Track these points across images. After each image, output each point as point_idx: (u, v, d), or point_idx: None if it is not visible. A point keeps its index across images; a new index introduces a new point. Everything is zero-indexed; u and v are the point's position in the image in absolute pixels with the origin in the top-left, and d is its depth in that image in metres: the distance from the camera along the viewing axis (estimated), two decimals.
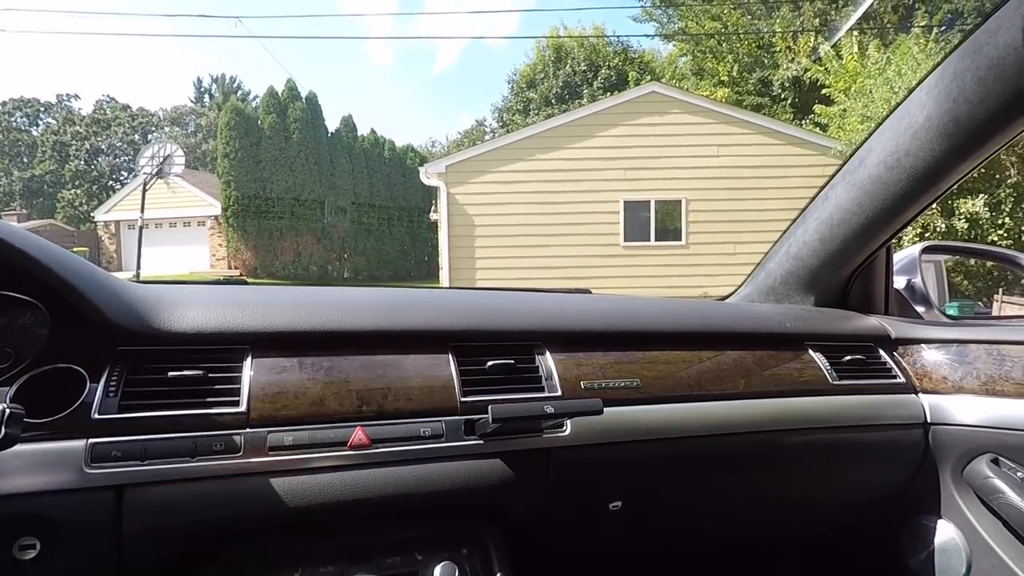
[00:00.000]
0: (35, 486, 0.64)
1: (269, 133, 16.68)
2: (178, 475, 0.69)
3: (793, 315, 1.20)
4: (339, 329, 0.84)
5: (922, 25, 11.54)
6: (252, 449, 0.72)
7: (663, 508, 1.01)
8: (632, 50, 23.19)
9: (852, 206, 1.16)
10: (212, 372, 0.75)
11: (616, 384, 0.94)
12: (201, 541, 0.72)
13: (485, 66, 66.95)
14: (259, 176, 16.60)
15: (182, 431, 0.70)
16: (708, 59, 17.91)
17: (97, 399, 0.69)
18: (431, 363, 0.87)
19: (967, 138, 0.96)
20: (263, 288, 0.95)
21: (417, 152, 23.28)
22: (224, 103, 21.40)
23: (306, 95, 17.60)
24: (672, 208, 10.66)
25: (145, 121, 31.03)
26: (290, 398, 0.76)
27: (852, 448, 1.10)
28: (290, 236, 17.30)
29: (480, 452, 0.83)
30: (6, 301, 0.72)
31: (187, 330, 0.76)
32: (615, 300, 1.17)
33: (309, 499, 0.73)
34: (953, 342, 1.15)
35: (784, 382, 1.07)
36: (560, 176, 10.49)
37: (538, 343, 0.95)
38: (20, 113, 30.17)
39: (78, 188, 27.64)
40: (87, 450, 0.66)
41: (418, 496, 0.79)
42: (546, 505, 0.90)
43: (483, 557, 0.82)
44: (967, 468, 1.08)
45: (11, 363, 0.70)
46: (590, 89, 21.50)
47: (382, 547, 0.78)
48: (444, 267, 10.80)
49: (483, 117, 39.70)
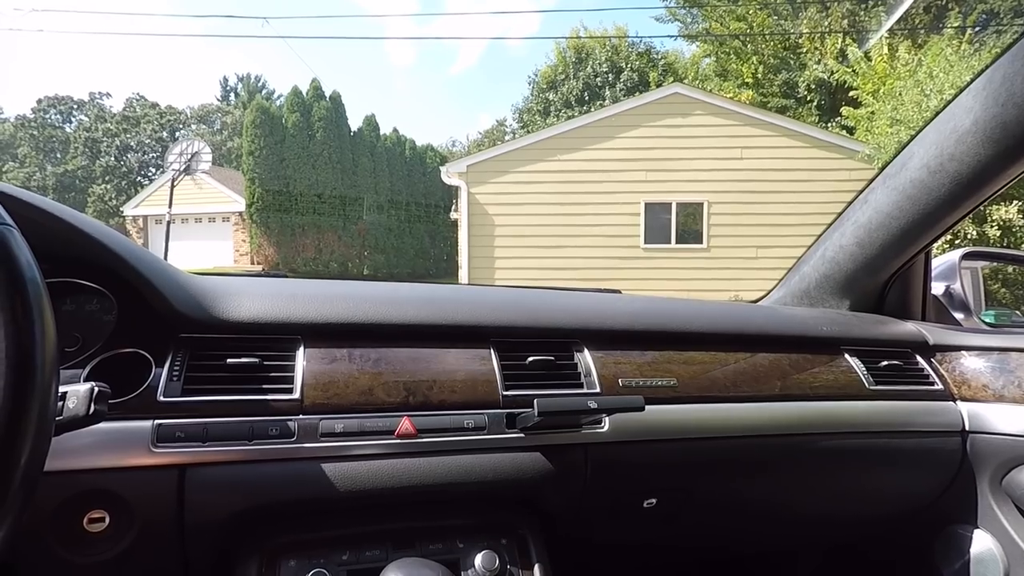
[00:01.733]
0: (105, 463, 0.67)
1: (293, 131, 16.88)
2: (236, 457, 0.72)
3: (829, 319, 1.20)
4: (387, 322, 0.86)
5: (955, 26, 11.25)
6: (305, 435, 0.75)
7: (696, 508, 1.02)
8: (655, 51, 23.05)
9: (892, 210, 1.15)
10: (267, 360, 0.78)
11: (653, 383, 0.95)
12: (255, 521, 0.75)
13: (504, 67, 67.08)
14: (283, 173, 16.82)
15: (240, 415, 0.73)
16: (732, 60, 17.68)
17: (162, 383, 0.73)
18: (474, 357, 0.89)
19: (1014, 143, 0.95)
20: (312, 281, 0.98)
21: (437, 151, 23.38)
22: (249, 102, 21.72)
23: (330, 94, 17.80)
24: (694, 210, 10.57)
25: (173, 119, 31.63)
26: (340, 387, 0.79)
27: (888, 454, 1.09)
28: (312, 233, 17.50)
29: (520, 445, 0.84)
30: (74, 288, 0.76)
31: (244, 319, 0.79)
32: (650, 300, 1.18)
33: (357, 484, 0.76)
34: (994, 350, 1.14)
35: (820, 386, 1.07)
36: (581, 177, 10.46)
37: (577, 341, 0.96)
38: (54, 110, 30.96)
39: (108, 183, 28.28)
40: (153, 431, 0.69)
41: (460, 486, 0.81)
42: (582, 500, 0.91)
43: (522, 548, 0.84)
44: (1006, 478, 1.07)
45: (79, 348, 0.74)
46: (612, 91, 21.39)
47: (425, 534, 0.80)
48: (463, 266, 10.85)
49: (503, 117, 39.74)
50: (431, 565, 0.72)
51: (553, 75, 23.66)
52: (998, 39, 11.02)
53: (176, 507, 0.70)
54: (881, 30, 12.30)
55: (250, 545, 0.74)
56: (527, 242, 10.53)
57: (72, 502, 0.67)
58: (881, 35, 11.33)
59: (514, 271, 10.38)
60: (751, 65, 16.84)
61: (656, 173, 10.42)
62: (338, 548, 0.76)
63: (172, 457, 0.69)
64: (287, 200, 16.97)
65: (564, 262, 10.25)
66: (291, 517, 0.76)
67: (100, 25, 49.58)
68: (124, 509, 0.68)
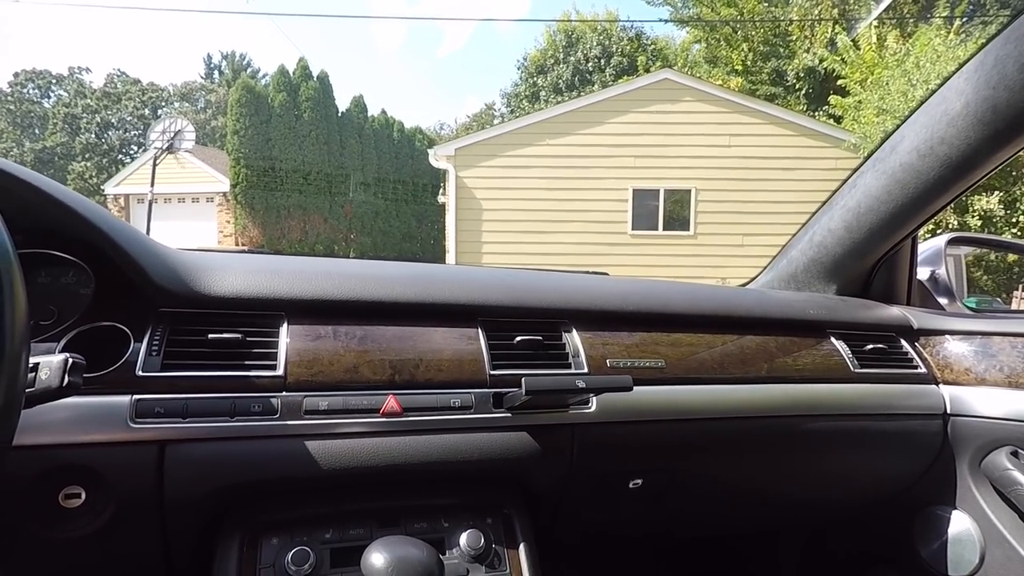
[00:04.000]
0: (81, 438, 0.65)
1: (280, 111, 16.60)
2: (217, 434, 0.70)
3: (816, 303, 1.21)
4: (373, 299, 0.85)
5: (943, 16, 11.32)
6: (289, 412, 0.73)
7: (682, 489, 1.03)
8: (645, 36, 22.91)
9: (881, 194, 1.15)
10: (250, 336, 0.77)
11: (641, 364, 0.95)
12: (236, 499, 0.74)
13: (493, 50, 66.34)
14: (268, 154, 16.57)
15: (221, 391, 0.72)
16: (722, 47, 17.64)
17: (141, 357, 0.71)
18: (461, 336, 0.88)
19: (1005, 126, 0.95)
20: (298, 258, 0.96)
21: (425, 134, 23.15)
22: (234, 80, 21.32)
23: (318, 74, 17.50)
24: (681, 197, 10.60)
25: (155, 96, 30.90)
26: (325, 364, 0.78)
27: (870, 436, 1.10)
28: (297, 214, 17.30)
29: (507, 425, 0.84)
30: (50, 260, 0.74)
31: (226, 294, 0.78)
32: (639, 282, 1.18)
33: (341, 463, 0.75)
34: (977, 334, 1.15)
35: (806, 368, 1.08)
36: (569, 162, 10.43)
37: (565, 321, 0.96)
38: (32, 85, 30.09)
39: (88, 161, 27.64)
40: (131, 406, 0.68)
41: (446, 465, 0.80)
42: (568, 480, 0.91)
43: (507, 527, 0.84)
44: (985, 460, 1.09)
45: (54, 321, 0.72)
46: (601, 76, 21.27)
47: (410, 512, 0.80)
48: (451, 250, 10.80)
49: (492, 101, 39.38)
50: (415, 543, 0.71)
51: (543, 59, 23.43)
52: (984, 29, 11.09)
53: (155, 484, 0.68)
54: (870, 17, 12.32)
55: (232, 523, 0.73)
56: (515, 227, 10.50)
57: (47, 477, 0.65)
58: (870, 22, 11.35)
59: (502, 256, 10.36)
60: (741, 52, 16.82)
61: (644, 159, 10.42)
62: (321, 526, 0.75)
63: (151, 433, 0.68)
64: (273, 180, 16.73)
65: (552, 247, 10.25)
66: (274, 495, 0.75)
67: None
68: (101, 485, 0.67)
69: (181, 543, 0.74)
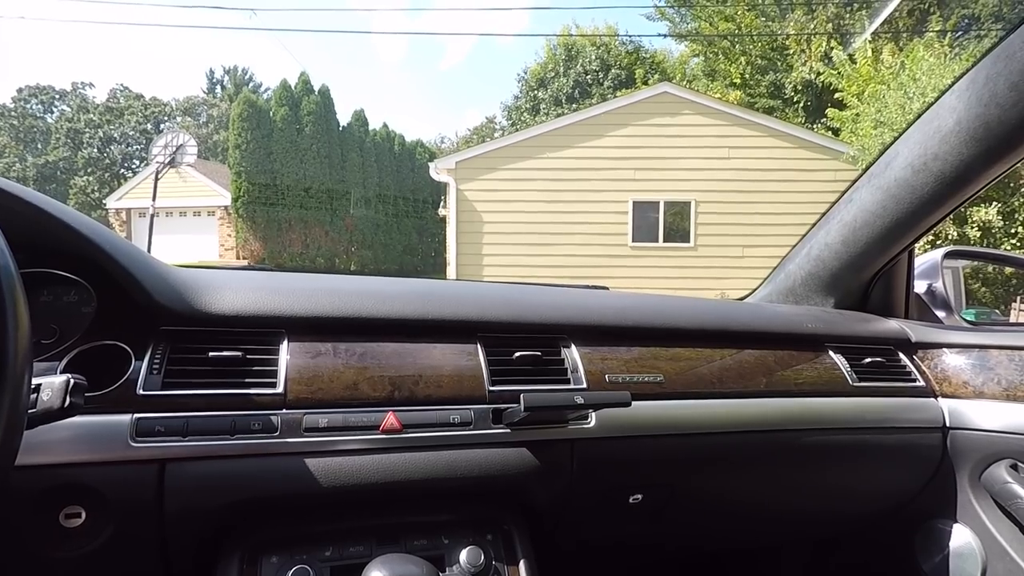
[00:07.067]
0: (82, 457, 0.66)
1: (281, 125, 16.71)
2: (218, 452, 0.70)
3: (814, 316, 1.21)
4: (372, 316, 0.85)
5: (936, 30, 11.44)
6: (288, 429, 0.74)
7: (682, 504, 1.02)
8: (644, 50, 23.12)
9: (876, 209, 1.16)
10: (250, 354, 0.77)
11: (639, 379, 0.95)
12: (236, 517, 0.74)
13: (494, 64, 66.92)
14: (270, 168, 16.64)
15: (222, 409, 0.72)
16: (720, 60, 17.80)
17: (142, 376, 0.71)
18: (460, 352, 0.88)
19: (997, 143, 0.96)
20: (298, 274, 0.97)
21: (426, 147, 23.27)
22: (236, 94, 21.49)
23: (319, 88, 17.64)
24: (681, 209, 10.63)
25: (158, 110, 31.14)
26: (325, 381, 0.78)
27: (870, 450, 1.10)
28: (299, 228, 17.35)
29: (507, 441, 0.84)
30: (52, 279, 0.74)
31: (226, 312, 0.78)
32: (637, 297, 1.18)
33: (342, 480, 0.75)
34: (974, 347, 1.16)
35: (804, 382, 1.08)
36: (569, 175, 10.47)
37: (564, 336, 0.96)
38: (35, 100, 30.35)
39: (90, 175, 27.79)
40: (132, 424, 0.68)
41: (446, 481, 0.80)
42: (568, 495, 0.91)
43: (507, 543, 0.83)
44: (985, 473, 1.09)
45: (56, 340, 0.72)
46: (600, 89, 21.43)
47: (410, 529, 0.80)
48: (451, 263, 10.81)
49: (493, 115, 39.63)
50: (415, 561, 0.71)
51: (543, 72, 23.63)
52: (978, 43, 11.20)
53: (156, 503, 0.68)
54: (865, 33, 12.44)
55: (232, 541, 0.73)
56: (515, 239, 10.52)
57: (48, 496, 0.65)
58: (865, 38, 11.46)
59: (502, 268, 10.37)
60: (739, 65, 16.97)
61: (644, 172, 10.46)
62: (321, 544, 0.75)
63: (152, 452, 0.68)
64: (274, 194, 16.80)
65: (552, 260, 10.26)
66: (274, 513, 0.75)
67: (83, 13, 48.67)
68: (101, 504, 0.67)
69: (181, 561, 0.74)
